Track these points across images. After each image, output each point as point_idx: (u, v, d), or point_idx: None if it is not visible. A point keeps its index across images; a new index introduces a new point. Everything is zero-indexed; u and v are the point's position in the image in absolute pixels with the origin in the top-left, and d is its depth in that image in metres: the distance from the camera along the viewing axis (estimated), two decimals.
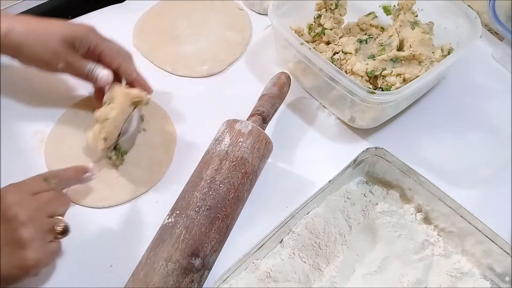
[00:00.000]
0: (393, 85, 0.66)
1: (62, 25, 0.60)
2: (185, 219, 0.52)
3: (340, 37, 0.72)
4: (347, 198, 0.61)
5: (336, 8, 0.72)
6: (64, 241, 0.57)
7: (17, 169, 0.61)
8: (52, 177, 0.53)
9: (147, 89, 0.64)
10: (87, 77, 0.61)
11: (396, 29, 0.70)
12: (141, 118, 0.66)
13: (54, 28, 0.59)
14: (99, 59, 0.62)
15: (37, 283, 0.55)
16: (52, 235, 0.50)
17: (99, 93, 0.64)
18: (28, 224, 0.47)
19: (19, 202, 0.48)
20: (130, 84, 0.64)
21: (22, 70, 0.71)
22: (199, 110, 0.71)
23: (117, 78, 0.63)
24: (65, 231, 0.51)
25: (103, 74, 0.61)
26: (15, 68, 0.71)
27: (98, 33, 0.61)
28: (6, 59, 0.69)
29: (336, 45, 0.70)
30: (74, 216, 0.60)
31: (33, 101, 0.69)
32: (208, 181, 0.54)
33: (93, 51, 0.61)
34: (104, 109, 0.59)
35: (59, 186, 0.53)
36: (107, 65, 0.62)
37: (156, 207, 0.61)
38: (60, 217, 0.51)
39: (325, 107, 0.72)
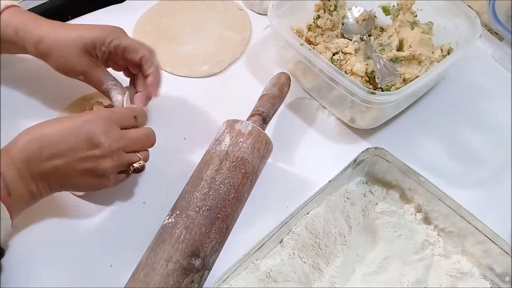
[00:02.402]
0: (393, 85, 0.66)
1: (81, 33, 0.60)
2: (185, 219, 0.52)
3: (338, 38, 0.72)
4: (347, 198, 0.61)
5: (335, 9, 0.72)
6: (64, 241, 0.58)
7: None
8: (141, 115, 0.56)
9: (152, 90, 0.63)
10: (105, 93, 0.62)
11: (395, 29, 0.71)
12: None
13: (72, 39, 0.59)
14: (124, 57, 0.61)
15: (37, 283, 0.55)
16: (125, 168, 0.54)
17: None
18: (107, 157, 0.51)
19: (106, 133, 0.51)
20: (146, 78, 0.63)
21: (22, 69, 0.72)
22: (199, 110, 0.71)
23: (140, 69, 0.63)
24: (138, 170, 0.55)
25: (117, 99, 0.62)
26: (15, 67, 0.71)
27: (119, 34, 0.61)
28: (6, 58, 0.69)
29: (332, 44, 0.70)
30: (74, 216, 0.60)
31: (34, 100, 0.69)
32: (208, 181, 0.54)
33: (115, 52, 0.61)
34: None
35: (144, 124, 0.57)
36: (132, 60, 0.61)
37: (156, 207, 0.61)
38: (139, 155, 0.55)
39: (325, 108, 0.72)
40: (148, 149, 0.57)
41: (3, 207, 0.47)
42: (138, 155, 0.55)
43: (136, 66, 0.62)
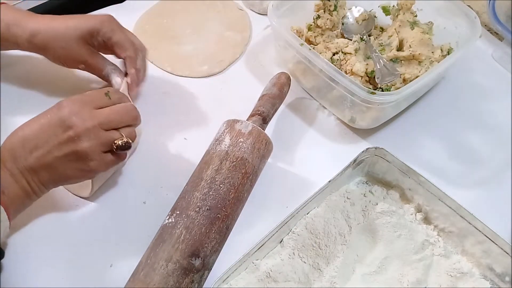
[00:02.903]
0: (393, 85, 0.66)
1: (78, 23, 0.62)
2: (185, 219, 0.52)
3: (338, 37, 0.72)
4: (347, 198, 0.61)
5: (335, 9, 0.72)
6: (64, 241, 0.58)
7: None
8: (113, 92, 0.56)
9: (132, 89, 0.64)
10: (105, 78, 0.64)
11: (395, 29, 0.71)
12: None
13: (70, 29, 0.61)
14: (113, 49, 0.64)
15: (37, 283, 0.55)
16: (109, 147, 0.53)
17: None
18: (84, 136, 0.51)
19: (77, 113, 0.51)
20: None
21: (22, 68, 0.71)
22: (199, 110, 0.71)
23: None
24: (122, 147, 0.53)
25: (116, 81, 0.63)
26: (15, 66, 0.71)
27: (111, 24, 0.63)
28: (5, 59, 0.70)
29: (332, 44, 0.70)
30: (74, 216, 0.60)
31: (33, 98, 0.69)
32: (208, 181, 0.54)
33: (107, 42, 0.63)
34: None
35: (120, 101, 0.56)
36: (118, 55, 0.64)
37: (156, 207, 0.61)
38: (121, 133, 0.54)
39: (325, 108, 0.72)
40: (136, 127, 0.57)
41: (1, 208, 0.47)
42: (120, 132, 0.54)
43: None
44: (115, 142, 0.53)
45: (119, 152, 0.54)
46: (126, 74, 0.64)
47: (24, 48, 0.63)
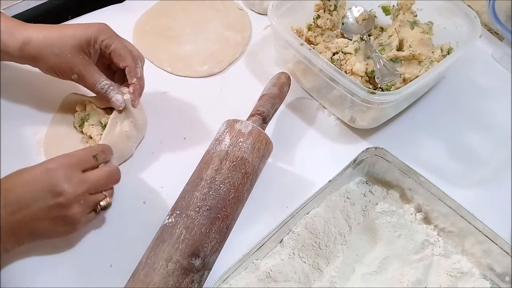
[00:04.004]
0: (393, 85, 0.66)
1: (74, 31, 0.60)
2: (185, 219, 0.52)
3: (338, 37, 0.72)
4: (347, 198, 0.61)
5: (335, 9, 0.72)
6: (64, 241, 0.58)
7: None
8: (101, 153, 0.55)
9: (134, 99, 0.63)
10: (98, 93, 0.61)
11: (395, 29, 0.71)
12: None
13: (66, 37, 0.59)
14: (110, 58, 0.62)
15: (37, 283, 0.55)
16: (93, 208, 0.54)
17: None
18: (74, 203, 0.51)
19: (68, 179, 0.51)
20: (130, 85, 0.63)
21: (21, 71, 0.71)
22: (199, 110, 0.71)
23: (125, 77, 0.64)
24: (105, 207, 0.54)
25: (118, 99, 0.61)
26: (14, 68, 0.71)
27: (109, 32, 0.61)
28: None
29: (332, 44, 0.70)
30: None
31: (31, 100, 0.69)
32: (208, 181, 0.54)
33: (104, 51, 0.61)
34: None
35: (106, 161, 0.56)
36: (116, 65, 0.62)
37: (156, 207, 0.61)
38: (105, 193, 0.55)
39: (325, 108, 0.72)
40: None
41: None
42: (104, 192, 0.55)
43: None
44: (100, 204, 0.54)
45: (101, 212, 0.55)
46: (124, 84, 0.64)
47: (16, 57, 0.60)
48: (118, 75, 0.65)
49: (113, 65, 0.64)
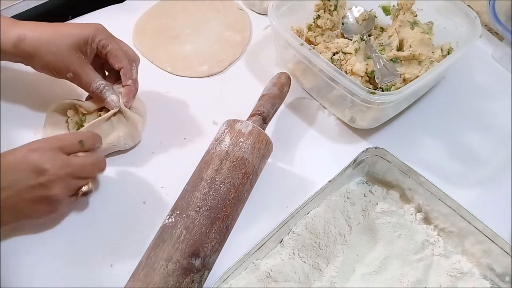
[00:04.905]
0: (393, 85, 0.66)
1: (72, 30, 0.60)
2: (186, 219, 0.52)
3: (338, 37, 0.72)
4: (347, 198, 0.61)
5: (335, 9, 0.72)
6: (64, 241, 0.58)
7: None
8: (86, 140, 0.55)
9: (127, 98, 0.63)
10: (93, 92, 0.61)
11: (395, 29, 0.71)
12: None
13: (63, 35, 0.59)
14: (105, 58, 0.62)
15: (37, 283, 0.55)
16: (74, 192, 0.54)
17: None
18: (56, 183, 0.51)
19: (51, 160, 0.51)
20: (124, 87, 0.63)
21: (20, 72, 0.71)
22: (199, 110, 0.71)
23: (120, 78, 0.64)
24: (86, 193, 0.55)
25: (113, 99, 0.61)
26: (12, 70, 0.71)
27: (106, 32, 0.61)
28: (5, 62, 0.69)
29: (332, 44, 0.70)
30: (74, 216, 0.60)
31: (29, 101, 0.69)
32: (209, 181, 0.54)
33: (101, 51, 0.61)
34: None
35: (92, 149, 0.56)
36: (112, 66, 0.62)
37: (156, 207, 0.61)
38: (90, 182, 0.55)
39: (325, 108, 0.72)
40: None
41: None
42: (88, 181, 0.55)
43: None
44: (82, 189, 0.55)
45: (82, 197, 0.56)
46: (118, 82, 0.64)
47: (9, 54, 0.59)
48: (110, 76, 0.65)
49: (105, 66, 0.64)
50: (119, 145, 0.64)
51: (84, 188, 0.55)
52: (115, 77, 0.64)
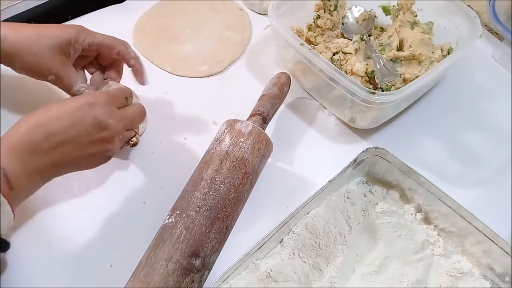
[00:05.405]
0: (393, 85, 0.66)
1: (54, 31, 0.59)
2: (186, 219, 0.52)
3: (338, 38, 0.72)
4: (347, 198, 0.61)
5: (335, 9, 0.72)
6: (64, 241, 0.58)
7: None
8: (130, 95, 0.58)
9: (140, 77, 0.65)
10: (74, 95, 0.60)
11: (395, 29, 0.71)
12: None
13: (45, 36, 0.58)
14: (98, 54, 0.62)
15: (37, 283, 0.55)
16: (125, 143, 0.57)
17: None
18: (115, 137, 0.53)
19: (112, 115, 0.53)
20: (131, 68, 0.65)
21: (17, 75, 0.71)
22: (199, 110, 0.71)
23: (116, 66, 0.64)
24: (135, 144, 0.59)
25: None
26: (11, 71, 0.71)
27: (87, 31, 0.61)
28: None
29: (332, 44, 0.70)
30: (74, 215, 0.60)
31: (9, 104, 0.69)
32: (209, 181, 0.54)
33: (89, 49, 0.61)
34: None
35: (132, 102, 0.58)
36: (107, 56, 0.62)
37: (156, 207, 0.61)
38: (136, 130, 0.59)
39: (325, 108, 0.72)
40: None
41: (4, 201, 0.45)
42: (135, 131, 0.58)
43: (111, 60, 0.64)
44: (132, 140, 0.58)
45: (130, 147, 0.61)
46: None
47: None
48: (94, 78, 0.65)
49: (89, 70, 0.64)
50: None
51: (134, 139, 0.58)
52: (98, 79, 0.64)
